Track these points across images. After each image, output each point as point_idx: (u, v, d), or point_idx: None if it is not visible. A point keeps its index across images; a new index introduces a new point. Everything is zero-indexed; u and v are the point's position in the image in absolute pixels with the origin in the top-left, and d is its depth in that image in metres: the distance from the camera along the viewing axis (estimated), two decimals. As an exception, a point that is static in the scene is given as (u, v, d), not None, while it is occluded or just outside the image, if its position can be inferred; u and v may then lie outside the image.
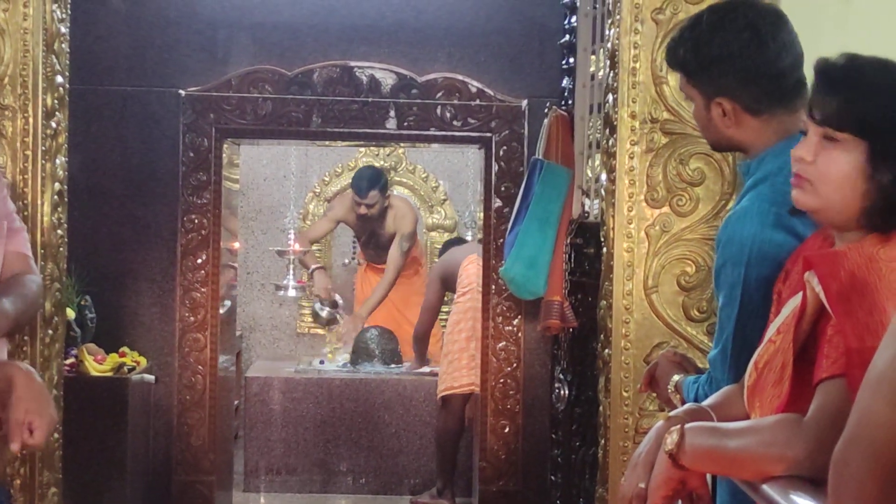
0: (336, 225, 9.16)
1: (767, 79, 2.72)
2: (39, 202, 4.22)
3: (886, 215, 2.19)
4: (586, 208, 5.21)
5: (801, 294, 2.23)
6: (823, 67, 2.28)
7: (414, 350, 8.16)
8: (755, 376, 2.31)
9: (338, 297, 8.87)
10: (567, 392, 5.19)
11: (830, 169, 2.23)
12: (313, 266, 8.98)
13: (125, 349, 6.03)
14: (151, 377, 6.08)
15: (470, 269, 7.35)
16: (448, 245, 8.39)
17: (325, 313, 8.77)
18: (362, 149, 9.48)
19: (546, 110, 5.66)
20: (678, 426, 2.26)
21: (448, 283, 7.67)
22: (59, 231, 4.36)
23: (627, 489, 2.32)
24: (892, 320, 1.75)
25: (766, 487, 2.11)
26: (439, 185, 9.69)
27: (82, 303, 5.89)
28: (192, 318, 6.18)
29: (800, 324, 2.18)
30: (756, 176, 2.72)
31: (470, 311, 7.24)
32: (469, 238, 9.08)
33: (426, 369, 8.11)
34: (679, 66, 2.86)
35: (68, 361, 5.48)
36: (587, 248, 4.91)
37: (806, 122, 2.30)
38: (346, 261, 9.70)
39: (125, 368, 5.86)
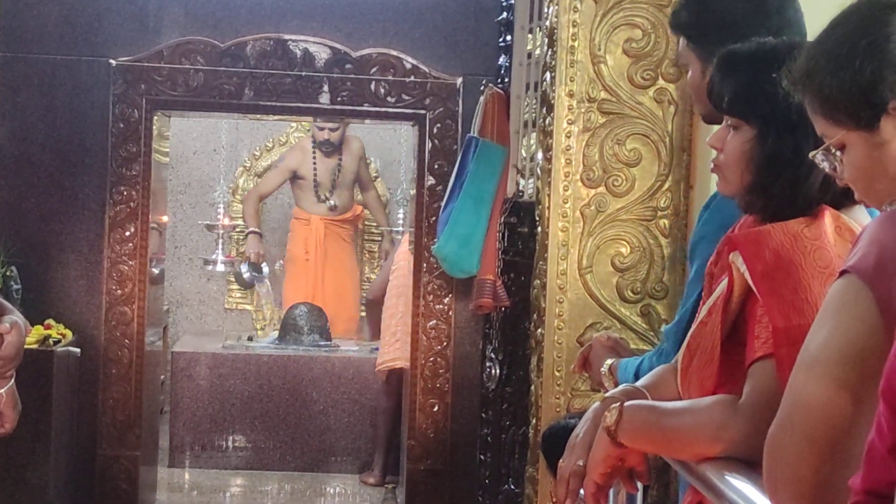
0: (289, 176, 9.02)
1: None
2: (-34, 170, 4.15)
3: (759, 196, 2.24)
4: (521, 187, 5.20)
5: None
6: (720, 56, 2.34)
7: (367, 318, 8.17)
8: (688, 357, 2.31)
9: (265, 266, 8.82)
10: (498, 371, 5.18)
11: (731, 155, 2.28)
12: (250, 229, 8.90)
13: (51, 321, 5.95)
14: (77, 350, 6.01)
15: (404, 245, 7.34)
16: None
17: (247, 276, 8.73)
18: (294, 123, 9.41)
19: (482, 88, 5.64)
20: (618, 404, 2.26)
21: None
22: (-14, 200, 4.29)
23: (566, 469, 2.31)
24: (822, 302, 1.76)
25: (701, 468, 2.11)
26: (371, 161, 9.64)
27: (8, 273, 5.81)
28: (119, 292, 6.11)
29: (727, 305, 2.18)
30: None
31: (395, 290, 7.26)
32: (400, 216, 9.07)
33: (352, 347, 8.11)
34: (680, 28, 2.84)
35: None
36: (521, 227, 4.90)
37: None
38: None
39: (50, 341, 5.79)
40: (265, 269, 8.81)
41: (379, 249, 9.45)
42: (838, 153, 1.77)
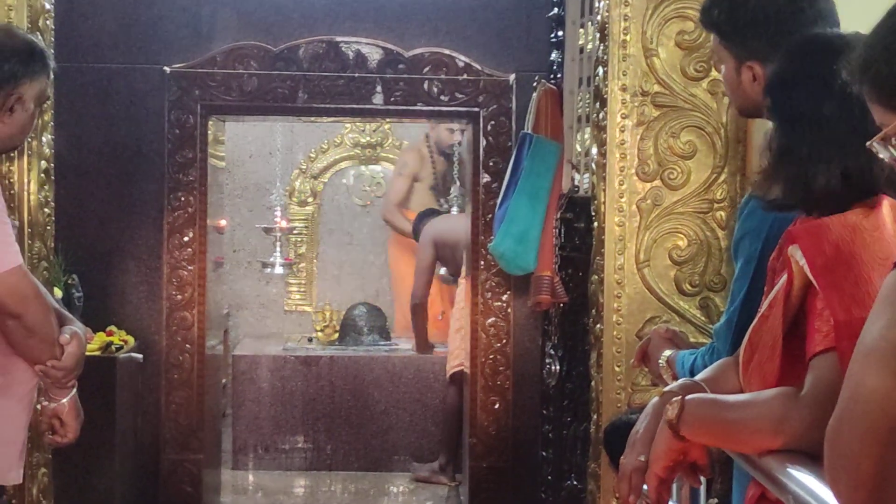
0: (413, 182, 8.81)
1: None
2: (26, 180, 4.20)
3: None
4: (576, 182, 5.19)
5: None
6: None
7: (412, 325, 7.88)
8: (749, 351, 2.30)
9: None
10: (558, 367, 5.18)
11: None
12: None
13: (112, 328, 6.00)
14: (139, 356, 6.05)
15: None
16: (428, 214, 8.18)
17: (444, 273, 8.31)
18: (348, 124, 9.44)
19: (534, 84, 5.64)
20: (679, 398, 2.25)
21: (441, 252, 7.61)
22: (46, 209, 4.33)
23: (628, 465, 2.30)
24: (878, 292, 1.75)
25: (764, 461, 2.10)
26: (428, 159, 9.64)
27: (69, 281, 5.86)
28: (179, 297, 6.15)
29: (788, 299, 2.16)
30: None
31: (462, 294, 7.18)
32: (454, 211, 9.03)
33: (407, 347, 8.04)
34: (712, 26, 2.81)
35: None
36: (577, 223, 4.90)
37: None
38: None
39: (113, 347, 5.83)
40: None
41: None
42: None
